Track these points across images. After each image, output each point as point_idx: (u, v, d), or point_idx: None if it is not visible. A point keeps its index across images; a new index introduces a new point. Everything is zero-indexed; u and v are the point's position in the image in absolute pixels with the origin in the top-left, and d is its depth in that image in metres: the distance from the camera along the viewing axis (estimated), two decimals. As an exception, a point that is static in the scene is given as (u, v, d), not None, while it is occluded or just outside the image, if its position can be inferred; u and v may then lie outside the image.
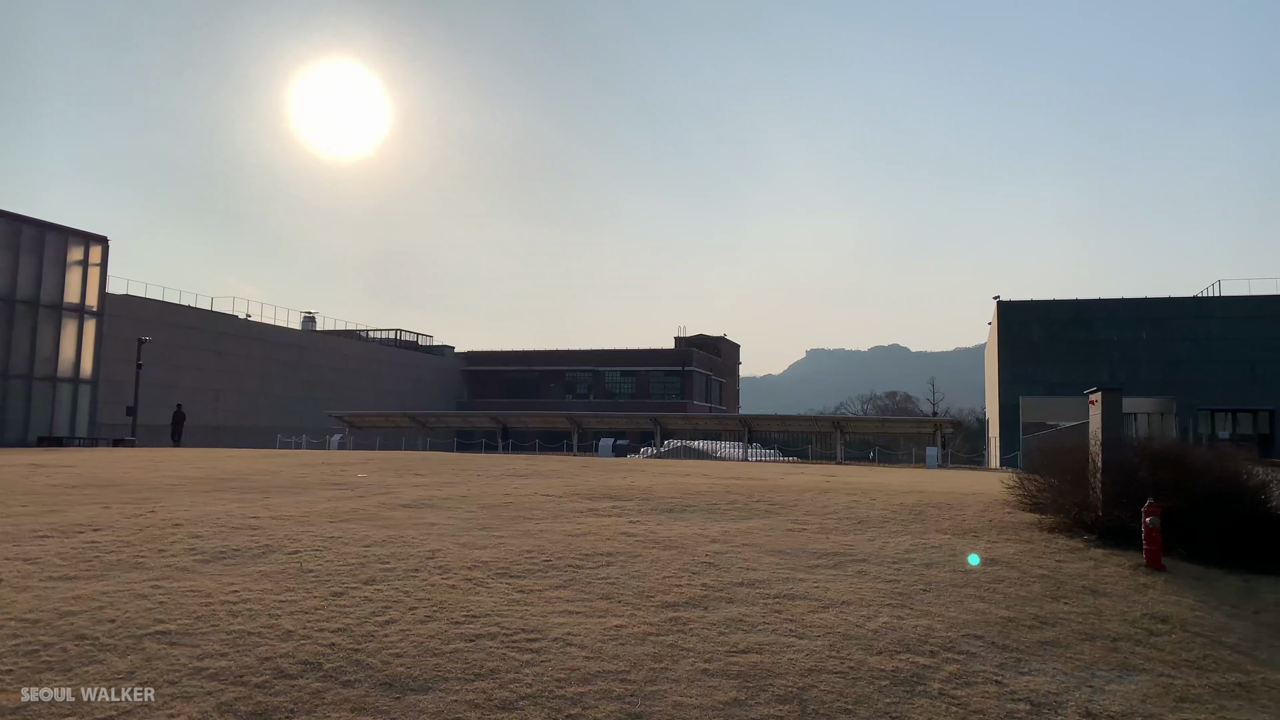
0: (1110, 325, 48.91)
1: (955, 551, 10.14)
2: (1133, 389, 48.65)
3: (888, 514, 12.39)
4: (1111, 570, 9.65)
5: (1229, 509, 10.19)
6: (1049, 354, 49.66)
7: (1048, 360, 49.60)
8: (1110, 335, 48.86)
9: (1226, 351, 46.86)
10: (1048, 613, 8.14)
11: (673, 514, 12.25)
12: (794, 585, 8.60)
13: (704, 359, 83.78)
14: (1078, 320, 49.63)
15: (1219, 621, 8.38)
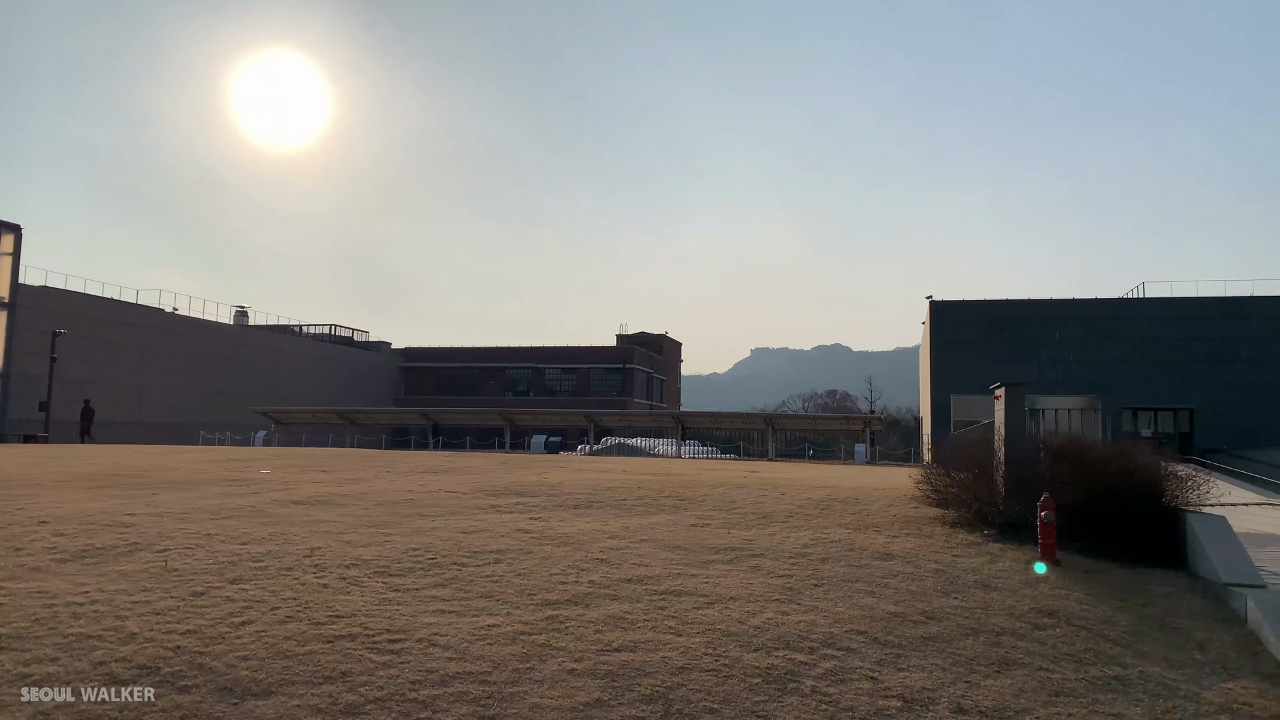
0: (1039, 325, 49.87)
1: (853, 546, 10.04)
2: (1060, 387, 49.71)
3: (794, 509, 12.28)
4: (1006, 565, 9.63)
5: (1124, 503, 10.25)
6: (980, 352, 50.45)
7: (979, 359, 50.38)
8: (1039, 335, 49.81)
9: (1150, 352, 48.08)
10: (936, 608, 8.05)
11: (577, 510, 11.99)
12: (684, 581, 8.40)
13: (645, 357, 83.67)
14: (1008, 320, 50.52)
15: (1105, 615, 8.38)
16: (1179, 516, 10.39)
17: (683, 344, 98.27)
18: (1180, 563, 10.16)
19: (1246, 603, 8.17)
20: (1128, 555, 10.23)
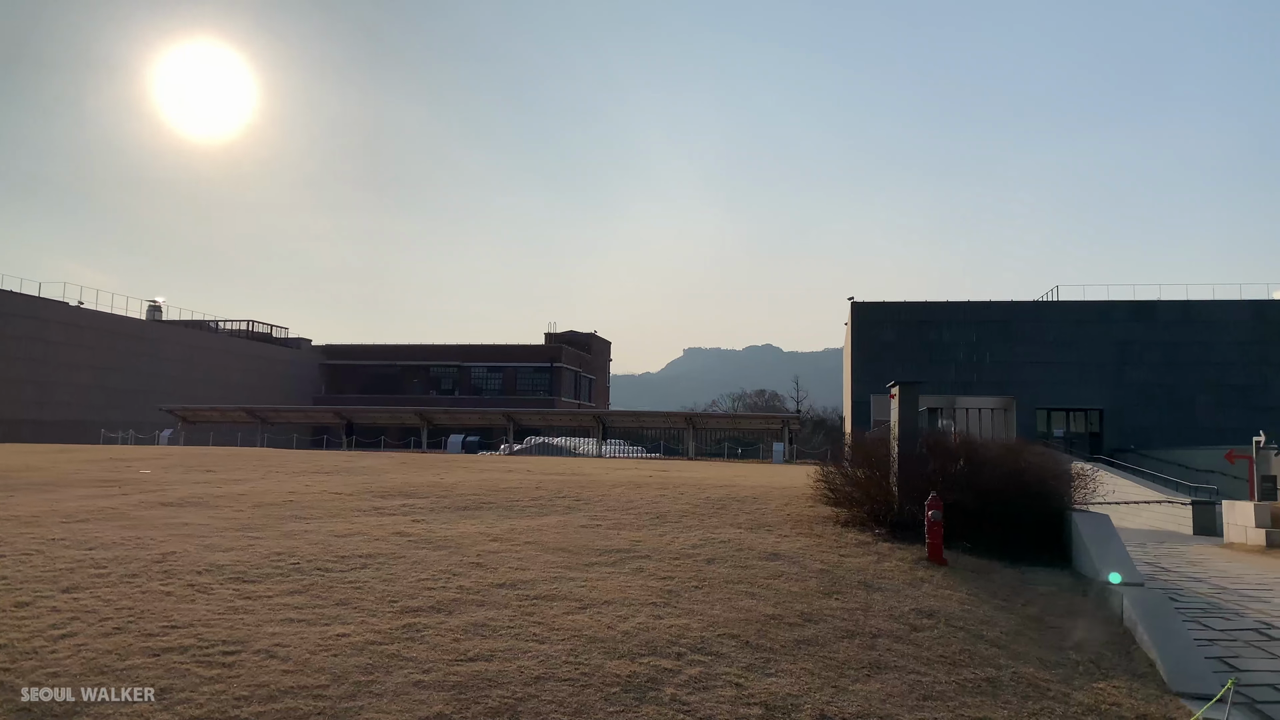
0: (956, 327, 50.78)
1: (742, 546, 9.84)
2: (977, 388, 50.71)
3: (690, 508, 12.06)
4: (893, 564, 9.53)
5: (1013, 502, 10.25)
6: (899, 353, 51.16)
7: (898, 359, 51.08)
8: (956, 336, 50.73)
9: (1062, 354, 49.33)
10: (815, 609, 7.88)
11: (465, 512, 11.59)
12: (560, 585, 8.08)
13: (573, 356, 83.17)
14: (926, 321, 51.33)
15: (985, 615, 8.31)
16: (1066, 515, 10.44)
17: (612, 343, 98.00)
18: (1067, 561, 10.20)
19: (1123, 601, 8.17)
20: (1016, 554, 10.23)
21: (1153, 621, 7.65)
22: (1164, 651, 7.38)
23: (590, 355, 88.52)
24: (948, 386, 51.02)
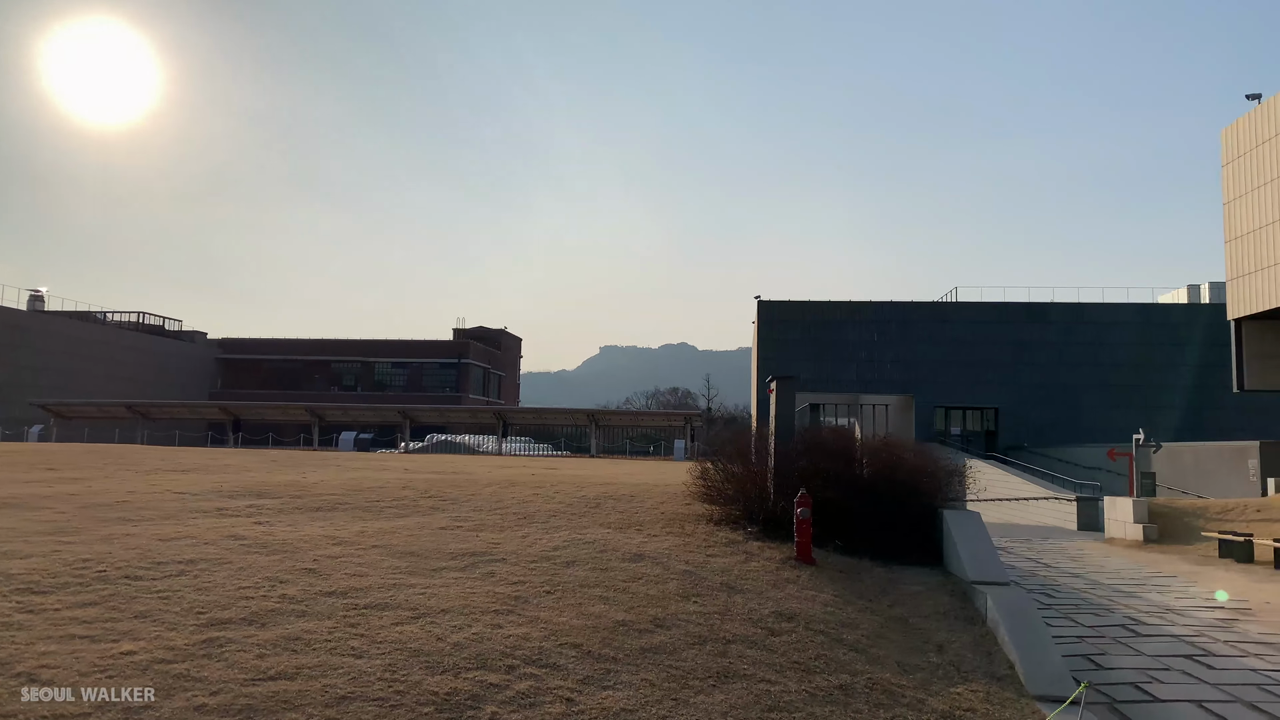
0: (860, 326, 51.45)
1: (606, 547, 9.36)
2: (878, 386, 51.46)
3: (562, 508, 11.54)
4: (760, 564, 9.17)
5: (888, 500, 10.02)
6: (804, 352, 51.59)
7: (802, 358, 51.50)
8: (859, 335, 51.40)
9: (960, 353, 50.41)
10: (670, 614, 7.43)
11: (318, 513, 10.83)
12: (398, 593, 7.46)
13: (482, 352, 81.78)
14: (830, 321, 51.88)
15: (848, 617, 8.00)
16: (939, 513, 10.26)
17: (524, 340, 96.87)
18: (939, 560, 10.02)
19: (987, 601, 7.98)
20: (889, 553, 10.00)
21: (1014, 622, 7.45)
22: (1024, 653, 7.17)
23: (500, 352, 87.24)
24: (851, 385, 51.70)
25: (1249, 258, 25.92)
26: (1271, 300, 24.85)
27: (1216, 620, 11.20)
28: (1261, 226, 25.34)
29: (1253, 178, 25.90)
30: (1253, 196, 25.86)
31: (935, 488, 10.59)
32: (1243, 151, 26.47)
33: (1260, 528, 20.10)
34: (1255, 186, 25.73)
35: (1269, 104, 25.35)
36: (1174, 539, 20.75)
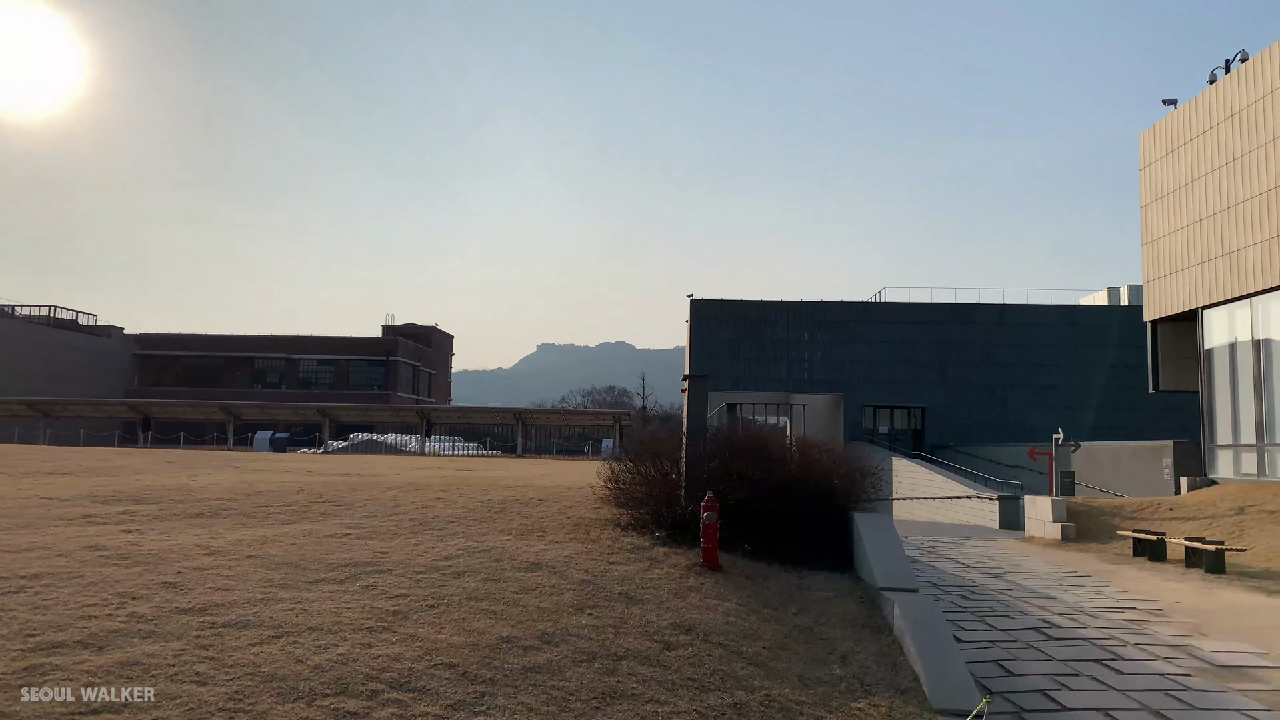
0: (791, 325, 51.63)
1: (503, 555, 8.85)
2: (809, 385, 51.68)
3: (464, 513, 10.99)
4: (664, 572, 8.76)
5: (801, 502, 9.69)
6: (736, 350, 51.61)
7: (735, 356, 51.52)
8: (791, 335, 51.57)
9: (889, 353, 50.89)
10: (561, 628, 6.96)
11: (198, 519, 10.12)
12: (264, 609, 6.85)
13: (411, 349, 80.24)
14: (762, 319, 51.95)
15: (750, 628, 7.63)
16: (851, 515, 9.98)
17: (455, 337, 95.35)
18: (850, 564, 9.73)
19: (894, 609, 7.68)
20: (801, 557, 9.68)
21: (920, 631, 7.16)
22: (928, 664, 6.87)
23: (431, 349, 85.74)
24: (783, 384, 51.86)
25: (1164, 261, 26.42)
26: (1185, 303, 25.33)
27: (1128, 622, 11.13)
28: (1176, 230, 25.83)
29: (1168, 182, 26.40)
30: (1168, 200, 26.35)
31: (850, 489, 10.29)
32: (1159, 155, 26.97)
33: (1172, 526, 20.42)
34: (1171, 190, 26.22)
35: (1184, 109, 25.85)
36: (1091, 538, 20.98)
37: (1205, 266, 24.33)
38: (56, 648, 5.80)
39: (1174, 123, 26.23)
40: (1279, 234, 21.57)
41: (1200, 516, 20.72)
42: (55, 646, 5.81)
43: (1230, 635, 10.42)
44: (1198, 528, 19.94)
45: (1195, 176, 24.96)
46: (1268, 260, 21.94)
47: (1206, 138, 24.58)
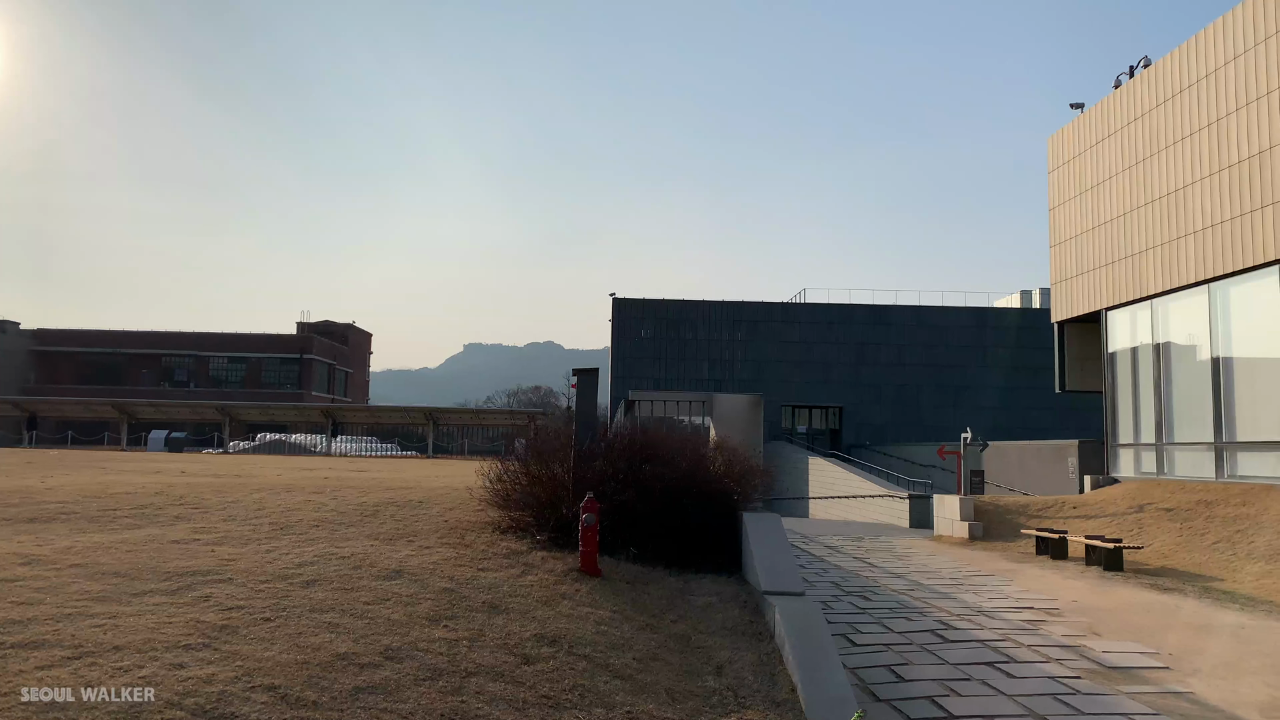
0: (712, 325, 51.56)
1: (363, 562, 8.18)
2: (730, 385, 51.64)
3: (333, 516, 10.25)
4: (538, 578, 8.19)
5: (689, 502, 9.21)
6: (657, 350, 51.33)
7: (656, 356, 51.24)
8: (712, 335, 51.51)
9: (807, 353, 51.20)
10: (409, 642, 6.34)
11: (30, 524, 9.18)
12: (69, 625, 6.08)
13: (327, 347, 78.05)
14: (684, 319, 51.78)
15: (622, 637, 7.11)
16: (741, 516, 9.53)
17: (374, 335, 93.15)
18: (739, 567, 9.29)
19: (775, 615, 7.25)
20: (689, 561, 9.20)
21: (800, 638, 6.73)
22: (806, 674, 6.44)
23: (347, 347, 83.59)
24: (705, 384, 51.72)
25: (1071, 263, 26.82)
26: (1088, 304, 25.73)
27: (1024, 623, 10.95)
28: (1082, 233, 26.24)
29: (1075, 185, 26.81)
30: (1075, 203, 26.77)
31: (744, 487, 9.84)
32: (1067, 159, 27.39)
33: (1075, 524, 20.63)
34: (1077, 194, 26.64)
35: (1090, 114, 26.28)
36: (998, 536, 21.08)
37: (1109, 269, 24.75)
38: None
39: (1080, 127, 26.67)
40: (1178, 237, 21.99)
41: (1102, 514, 20.99)
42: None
43: (1122, 634, 10.30)
44: (1099, 525, 20.17)
45: (1100, 180, 25.38)
46: (1167, 263, 22.36)
47: (1110, 142, 25.01)
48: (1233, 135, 20.16)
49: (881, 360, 50.93)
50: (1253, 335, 19.64)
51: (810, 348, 51.17)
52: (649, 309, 52.56)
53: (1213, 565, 15.40)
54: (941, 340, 50.93)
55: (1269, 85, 19.16)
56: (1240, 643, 9.88)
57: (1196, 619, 11.21)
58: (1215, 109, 20.81)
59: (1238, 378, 20.12)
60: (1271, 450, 18.88)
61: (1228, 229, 20.22)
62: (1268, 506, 17.44)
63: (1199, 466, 21.19)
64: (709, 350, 51.41)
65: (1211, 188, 20.72)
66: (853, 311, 51.76)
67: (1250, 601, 12.51)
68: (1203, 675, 8.56)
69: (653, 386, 51.69)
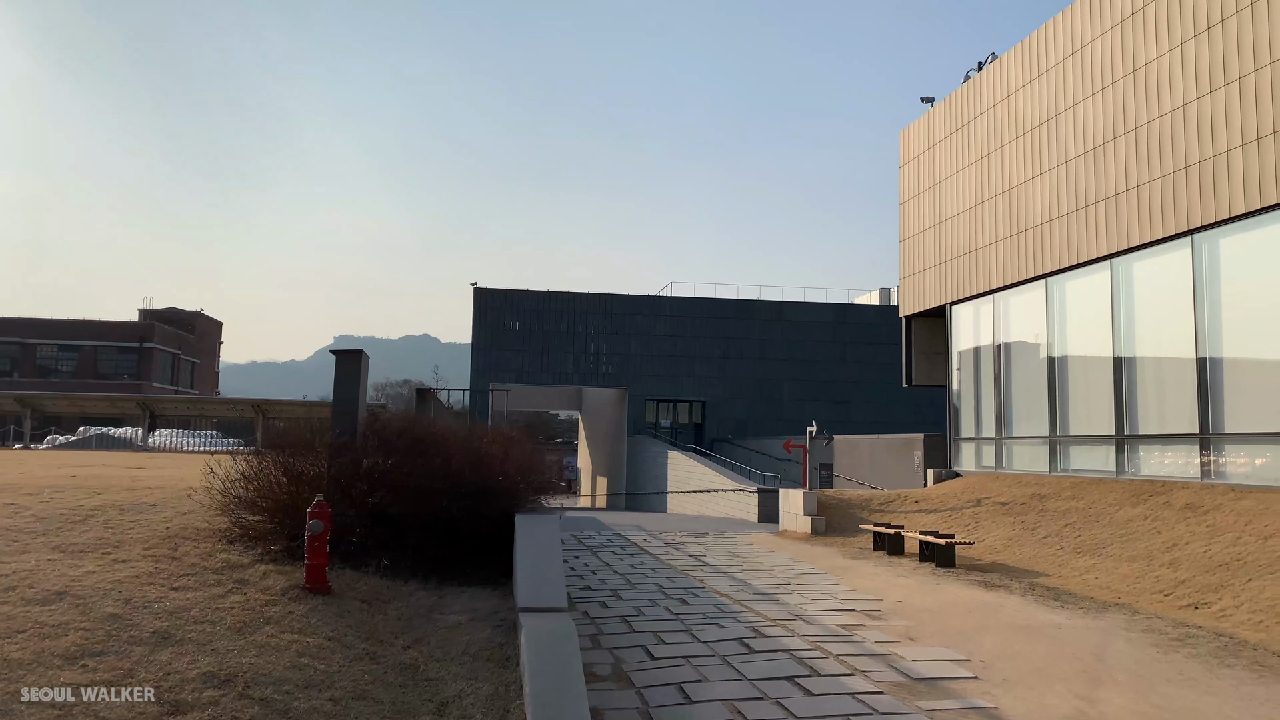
0: (577, 317, 50.35)
1: (21, 582, 6.59)
2: (594, 379, 50.60)
3: (30, 523, 8.52)
4: (245, 599, 6.79)
5: (458, 504, 7.96)
6: (523, 343, 49.82)
7: (518, 348, 49.73)
8: (577, 327, 50.30)
9: (672, 347, 50.61)
10: (12, 692, 4.88)
11: None
12: None
13: (171, 336, 73.05)
14: (548, 310, 50.39)
15: (327, 671, 5.81)
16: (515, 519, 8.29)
17: (224, 324, 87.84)
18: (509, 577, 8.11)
19: (521, 637, 6.10)
20: (457, 571, 7.96)
21: (541, 668, 5.60)
22: (542, 711, 5.30)
23: (194, 337, 78.61)
24: (568, 377, 50.52)
25: (919, 257, 26.83)
26: (934, 299, 25.76)
27: (840, 628, 10.20)
28: (929, 227, 26.26)
29: (924, 179, 26.82)
30: (923, 198, 26.78)
31: (530, 485, 8.61)
32: (917, 154, 27.39)
33: (915, 519, 20.41)
34: (926, 188, 26.64)
35: (940, 108, 26.30)
36: (839, 531, 20.67)
37: (955, 263, 24.79)
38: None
39: (930, 121, 26.69)
40: (1019, 232, 22.06)
41: (942, 509, 20.86)
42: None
43: (940, 638, 9.64)
44: (938, 520, 19.99)
45: (947, 174, 25.42)
46: (1008, 257, 22.43)
47: (958, 136, 25.05)
48: (1069, 131, 20.28)
49: (745, 355, 50.84)
50: (1084, 331, 19.80)
51: (676, 342, 50.62)
52: (512, 300, 50.97)
53: (1042, 560, 15.18)
54: (803, 335, 51.21)
55: (1101, 82, 19.29)
56: (1055, 645, 9.34)
57: (1017, 619, 10.70)
58: (1053, 104, 20.91)
59: (1071, 372, 20.27)
60: (1100, 444, 19.04)
61: (1064, 224, 20.33)
62: (1094, 500, 17.48)
63: (1035, 460, 21.31)
64: (573, 343, 50.22)
65: (1050, 183, 20.82)
66: (717, 306, 51.47)
67: (1073, 598, 12.18)
68: (1010, 685, 7.89)
69: (515, 380, 50.18)
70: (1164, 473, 17.27)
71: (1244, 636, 9.70)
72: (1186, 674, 8.26)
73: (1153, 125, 17.71)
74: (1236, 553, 12.69)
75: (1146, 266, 17.99)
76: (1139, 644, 9.37)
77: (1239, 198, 15.53)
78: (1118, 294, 18.73)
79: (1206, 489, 15.71)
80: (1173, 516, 15.12)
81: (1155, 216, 17.45)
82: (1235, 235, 15.90)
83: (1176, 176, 16.96)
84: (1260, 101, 15.26)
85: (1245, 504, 14.46)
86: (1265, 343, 15.17)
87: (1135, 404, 18.11)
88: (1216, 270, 16.26)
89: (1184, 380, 16.66)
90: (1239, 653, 9.05)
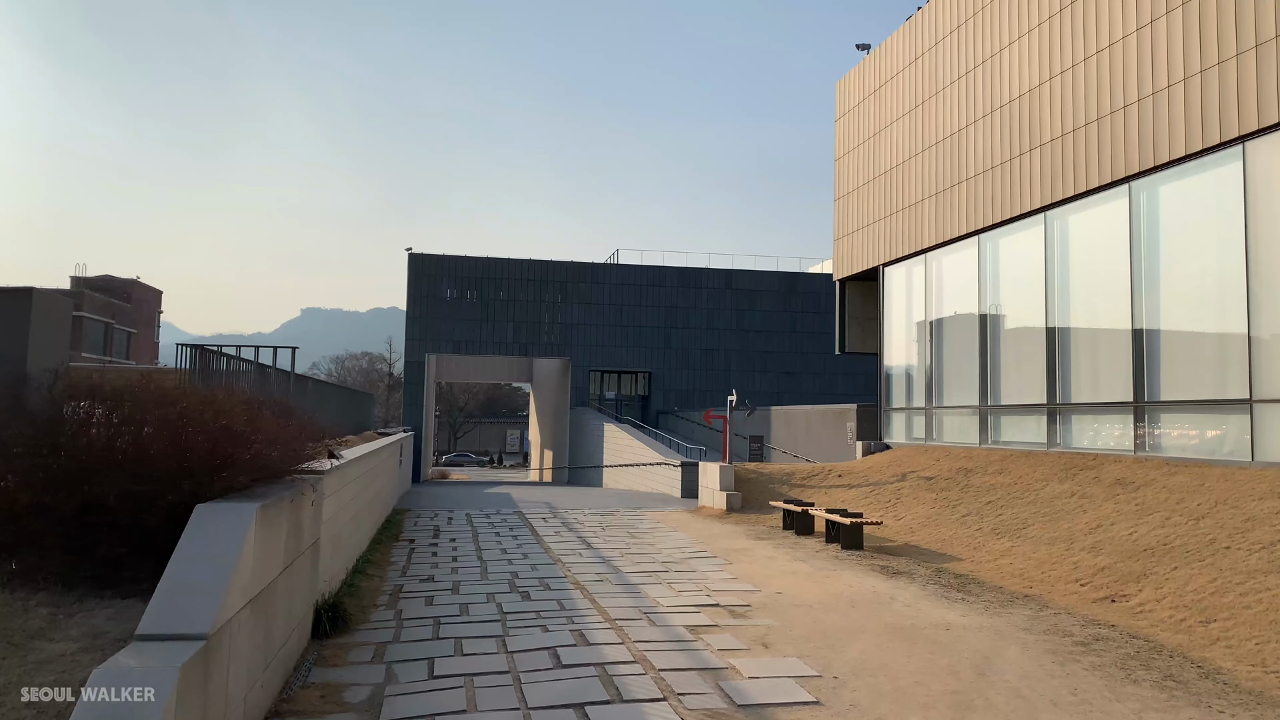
0: (517, 286, 48.31)
1: None
2: (535, 349, 48.70)
3: None
4: None
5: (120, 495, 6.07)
6: (458, 311, 47.74)
7: (456, 317, 47.66)
8: (518, 295, 48.29)
9: (617, 316, 48.76)
10: None
11: None
12: None
13: (102, 304, 69.98)
14: (488, 278, 48.31)
15: None
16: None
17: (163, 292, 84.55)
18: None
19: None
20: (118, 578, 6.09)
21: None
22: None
23: (130, 305, 75.57)
24: (508, 347, 48.61)
25: (853, 216, 25.14)
26: (868, 260, 24.10)
27: (686, 630, 8.54)
28: (864, 184, 24.55)
29: (859, 132, 25.08)
30: (859, 152, 25.05)
31: (229, 468, 6.57)
32: (853, 105, 25.62)
33: (836, 494, 18.84)
34: (861, 141, 24.91)
35: (876, 54, 24.51)
36: (755, 508, 19.09)
37: (887, 221, 23.10)
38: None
39: (866, 70, 24.89)
40: (952, 185, 20.39)
41: (865, 484, 19.31)
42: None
43: (798, 645, 7.99)
44: (859, 496, 18.45)
45: (882, 126, 23.67)
46: (940, 213, 20.78)
47: (893, 84, 23.28)
48: (1004, 73, 18.55)
49: (692, 325, 49.14)
50: (1017, 291, 18.19)
51: (621, 311, 48.79)
52: (449, 266, 48.79)
53: (957, 542, 13.62)
54: (752, 305, 49.60)
55: (1038, 17, 17.55)
56: (933, 654, 7.70)
57: (903, 618, 9.08)
58: (989, 45, 19.17)
59: (1004, 337, 18.70)
60: (1031, 414, 17.49)
61: (996, 175, 18.66)
62: (1021, 475, 15.94)
63: (965, 432, 19.76)
64: (514, 311, 48.21)
65: (984, 130, 19.13)
66: (662, 274, 49.66)
67: (979, 588, 10.61)
68: (859, 712, 6.22)
69: (453, 350, 48.20)
70: (1098, 445, 15.76)
71: (1160, 639, 8.14)
72: (1081, 694, 6.64)
73: (1089, 62, 16.03)
74: (1164, 535, 11.16)
75: (1082, 220, 16.38)
76: (1034, 651, 7.78)
77: (1179, 138, 13.91)
78: (1051, 250, 17.13)
79: (1139, 463, 14.20)
80: (1101, 494, 13.61)
81: (1091, 163, 15.80)
82: (1175, 181, 14.29)
83: (1115, 117, 15.31)
84: (1204, 31, 13.60)
85: (1178, 479, 12.96)
86: (1206, 302, 13.62)
87: (1069, 369, 16.57)
88: (1156, 222, 14.68)
89: (1119, 343, 15.12)
90: (1150, 662, 7.47)
